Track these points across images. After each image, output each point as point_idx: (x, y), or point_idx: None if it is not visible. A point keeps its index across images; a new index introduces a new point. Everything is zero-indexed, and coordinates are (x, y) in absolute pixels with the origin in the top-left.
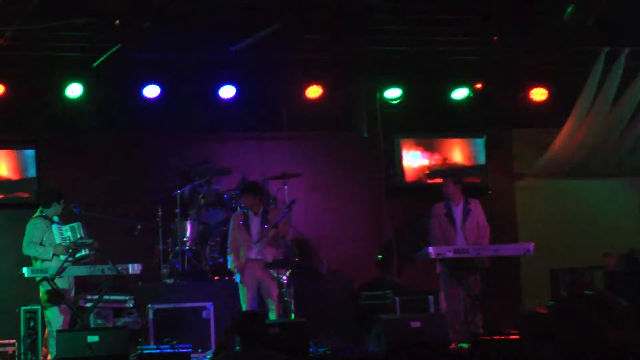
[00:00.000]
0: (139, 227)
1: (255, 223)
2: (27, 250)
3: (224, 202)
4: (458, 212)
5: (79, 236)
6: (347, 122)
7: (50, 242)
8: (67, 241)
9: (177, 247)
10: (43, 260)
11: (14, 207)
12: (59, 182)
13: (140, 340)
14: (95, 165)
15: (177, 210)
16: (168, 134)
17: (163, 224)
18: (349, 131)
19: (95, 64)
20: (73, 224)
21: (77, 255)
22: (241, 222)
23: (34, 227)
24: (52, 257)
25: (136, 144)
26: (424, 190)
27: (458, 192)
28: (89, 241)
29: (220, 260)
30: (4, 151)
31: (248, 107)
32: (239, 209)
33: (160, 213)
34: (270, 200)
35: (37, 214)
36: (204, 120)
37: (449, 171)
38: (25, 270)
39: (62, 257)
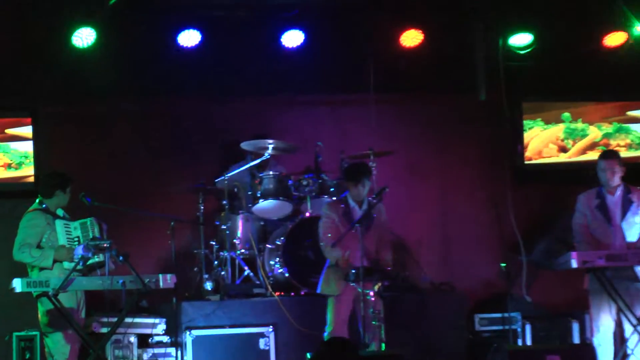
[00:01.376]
0: (172, 224)
1: (357, 217)
2: (20, 255)
3: (287, 191)
4: (616, 203)
5: (91, 236)
6: (457, 81)
7: (52, 244)
8: (76, 243)
9: (225, 252)
10: (42, 269)
11: (2, 196)
12: (63, 163)
13: None
14: (113, 142)
15: (224, 202)
16: (210, 98)
17: (205, 221)
18: (459, 93)
19: (112, 1)
20: (84, 220)
21: (89, 263)
22: (342, 215)
23: (30, 224)
24: (54, 264)
25: (167, 112)
26: (564, 173)
27: (619, 176)
28: (106, 243)
29: (284, 270)
30: None
31: (320, 60)
32: (309, 200)
33: (201, 206)
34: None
35: (35, 206)
36: (261, 78)
37: (611, 151)
38: (17, 283)
39: (68, 265)
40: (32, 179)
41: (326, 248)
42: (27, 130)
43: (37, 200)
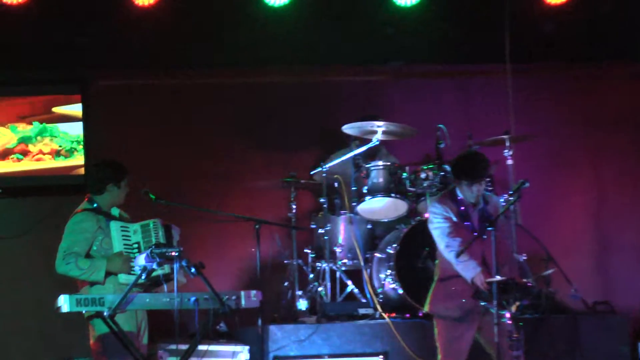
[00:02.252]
0: (257, 227)
1: (474, 218)
2: (64, 266)
3: (401, 186)
4: None
5: (154, 242)
6: (616, 47)
7: (105, 253)
8: (136, 250)
9: (323, 263)
10: (93, 284)
11: (43, 193)
12: (120, 151)
13: None
14: (183, 125)
15: (321, 200)
16: (304, 70)
17: (298, 223)
18: (617, 62)
19: None
20: (147, 222)
21: (153, 275)
22: (457, 216)
23: (77, 228)
24: (106, 277)
25: (251, 88)
26: None
27: None
28: (175, 251)
29: (397, 286)
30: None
31: (441, 21)
32: (428, 196)
33: (293, 205)
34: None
35: (84, 205)
36: (368, 44)
37: None
38: (64, 300)
39: (125, 279)
40: (82, 170)
41: (459, 259)
42: (78, 109)
43: (87, 198)
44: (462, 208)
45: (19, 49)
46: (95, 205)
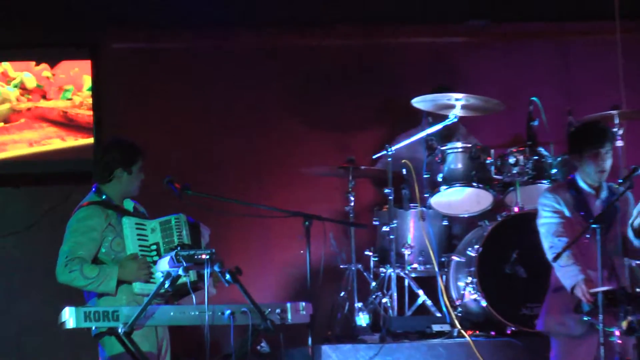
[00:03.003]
0: (306, 224)
1: (596, 212)
2: (65, 275)
3: (485, 172)
4: None
5: (177, 242)
6: None
7: (116, 256)
8: (155, 253)
9: (388, 268)
10: (101, 296)
11: (55, 180)
12: (135, 129)
13: None
14: (214, 97)
15: (386, 191)
16: (364, 29)
17: (357, 219)
18: None
19: None
20: (168, 218)
21: (178, 284)
22: (573, 207)
23: (81, 227)
24: (118, 286)
25: (298, 50)
26: None
27: None
28: (205, 253)
29: (479, 296)
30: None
31: None
32: (518, 186)
33: (350, 196)
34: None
35: (90, 198)
36: None
37: None
38: (69, 314)
39: (141, 288)
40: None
41: (560, 263)
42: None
43: (94, 188)
44: (579, 197)
45: (23, 9)
46: (103, 197)
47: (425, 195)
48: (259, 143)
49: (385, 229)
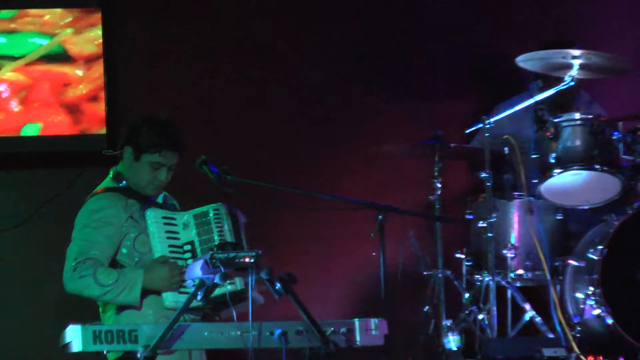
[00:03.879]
0: (379, 219)
1: None
2: (75, 281)
3: (611, 152)
4: None
5: (217, 240)
6: None
7: (142, 258)
8: (189, 255)
9: (485, 275)
10: (121, 310)
11: (63, 161)
12: (159, 99)
13: None
14: (254, 53)
15: (482, 175)
16: None
17: (444, 211)
18: None
19: None
20: (204, 210)
21: (216, 295)
22: None
23: (96, 220)
24: (144, 298)
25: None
26: None
27: None
28: (250, 255)
29: (604, 312)
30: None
31: None
32: None
33: (437, 182)
34: None
35: (107, 183)
36: None
37: None
38: (74, 335)
39: (174, 300)
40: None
41: None
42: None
43: (111, 173)
44: None
45: None
46: (123, 182)
47: (534, 181)
48: (319, 116)
49: (481, 224)
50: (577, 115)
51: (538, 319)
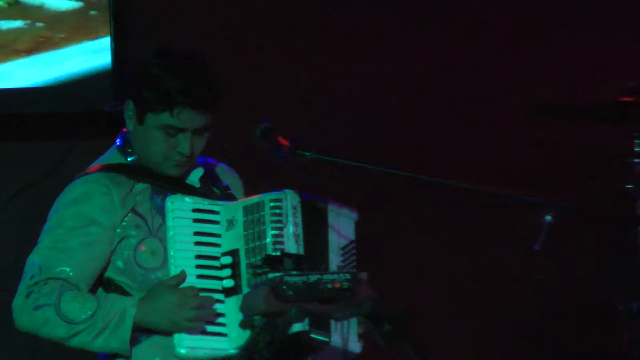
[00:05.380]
0: (547, 220)
1: None
2: (26, 313)
3: None
4: None
5: (270, 248)
6: None
7: (145, 275)
8: (229, 270)
9: None
10: (113, 358)
11: (21, 128)
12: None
13: None
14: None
15: None
16: None
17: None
18: None
19: None
20: (259, 199)
21: (288, 335)
22: None
23: (73, 214)
24: (139, 339)
25: None
26: None
27: None
28: (341, 282)
29: None
30: None
31: None
32: None
33: (636, 164)
34: None
35: (107, 158)
36: None
37: None
38: None
39: (192, 345)
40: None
41: None
42: None
43: (119, 140)
44: None
45: None
46: (130, 159)
47: None
48: (440, 75)
49: None
50: None
51: None
